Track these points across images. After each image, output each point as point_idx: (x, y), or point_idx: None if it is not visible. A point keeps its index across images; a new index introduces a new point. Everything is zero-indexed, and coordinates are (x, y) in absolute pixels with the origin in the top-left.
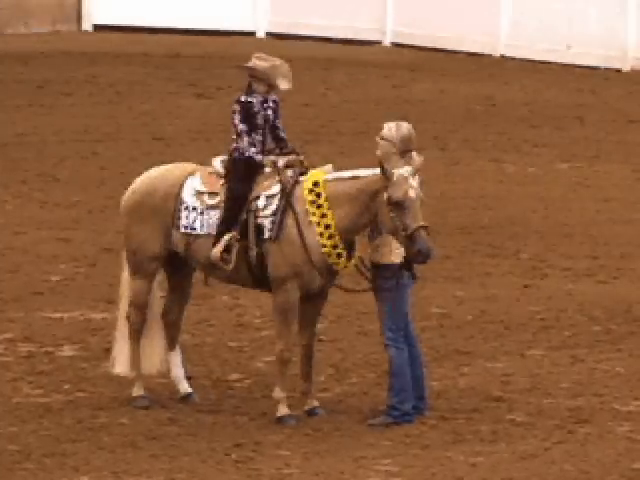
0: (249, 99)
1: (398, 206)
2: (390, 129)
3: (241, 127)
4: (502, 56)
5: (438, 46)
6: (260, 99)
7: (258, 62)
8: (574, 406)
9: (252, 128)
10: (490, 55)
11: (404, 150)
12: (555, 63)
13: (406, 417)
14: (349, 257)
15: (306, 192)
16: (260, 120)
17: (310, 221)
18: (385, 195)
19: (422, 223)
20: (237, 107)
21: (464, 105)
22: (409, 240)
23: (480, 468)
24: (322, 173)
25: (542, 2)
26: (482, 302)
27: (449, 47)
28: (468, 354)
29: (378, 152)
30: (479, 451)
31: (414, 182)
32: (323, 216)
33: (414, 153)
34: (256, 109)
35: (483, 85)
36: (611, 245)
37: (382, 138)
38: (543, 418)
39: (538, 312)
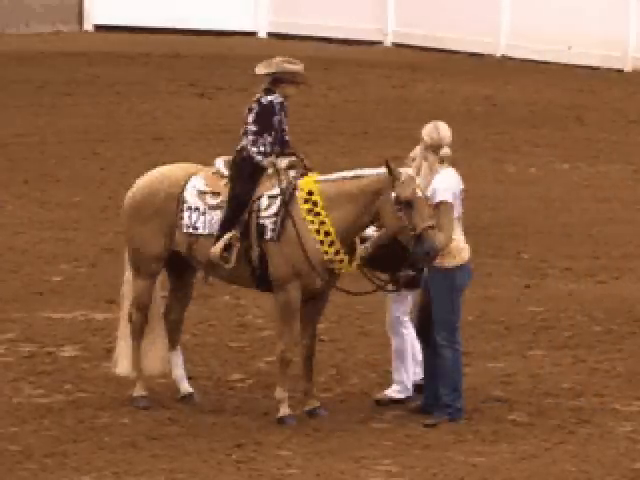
0: (274, 100)
1: (406, 205)
2: (441, 136)
3: (251, 127)
4: (502, 56)
5: (438, 46)
6: (282, 102)
7: (293, 65)
8: (575, 406)
9: (265, 129)
10: (490, 55)
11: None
12: (555, 63)
13: (459, 413)
14: (350, 260)
15: (301, 202)
16: (276, 122)
17: (312, 221)
18: (393, 194)
19: (430, 223)
20: (256, 107)
21: (464, 105)
22: (417, 239)
23: (481, 468)
24: (313, 180)
25: (542, 2)
26: (482, 302)
27: (449, 47)
28: (468, 354)
29: (449, 152)
30: (480, 451)
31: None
32: (322, 223)
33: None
34: (276, 111)
35: (483, 85)
36: (611, 245)
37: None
38: (544, 418)
39: (539, 312)
